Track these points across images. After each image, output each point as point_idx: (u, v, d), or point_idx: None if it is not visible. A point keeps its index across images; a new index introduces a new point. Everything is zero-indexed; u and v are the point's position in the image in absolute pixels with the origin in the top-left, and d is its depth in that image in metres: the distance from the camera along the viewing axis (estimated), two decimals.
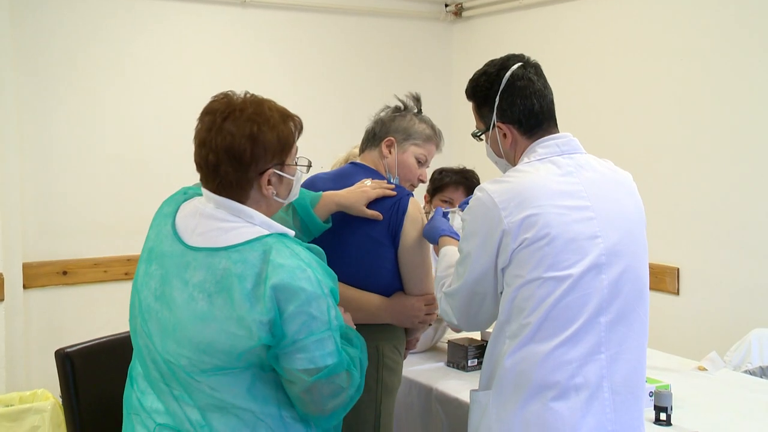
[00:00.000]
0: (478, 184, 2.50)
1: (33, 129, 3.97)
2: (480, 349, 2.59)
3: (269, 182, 1.68)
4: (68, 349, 2.49)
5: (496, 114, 1.88)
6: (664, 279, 3.91)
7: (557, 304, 1.70)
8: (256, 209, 1.68)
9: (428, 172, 2.57)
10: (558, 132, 1.90)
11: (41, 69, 3.98)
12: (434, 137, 2.39)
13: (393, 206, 2.22)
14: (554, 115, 1.92)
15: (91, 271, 4.12)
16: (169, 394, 1.65)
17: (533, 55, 1.95)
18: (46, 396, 3.40)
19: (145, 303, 1.68)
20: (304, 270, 1.58)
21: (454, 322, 1.93)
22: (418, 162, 2.37)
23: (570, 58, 4.44)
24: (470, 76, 1.97)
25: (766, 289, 3.55)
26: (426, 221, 2.29)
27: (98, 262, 4.14)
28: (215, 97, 1.72)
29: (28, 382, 3.86)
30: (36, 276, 3.96)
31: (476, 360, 2.58)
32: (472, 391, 1.86)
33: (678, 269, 3.89)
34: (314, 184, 2.32)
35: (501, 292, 1.80)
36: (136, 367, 1.74)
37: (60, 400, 2.89)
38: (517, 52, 1.95)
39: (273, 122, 1.67)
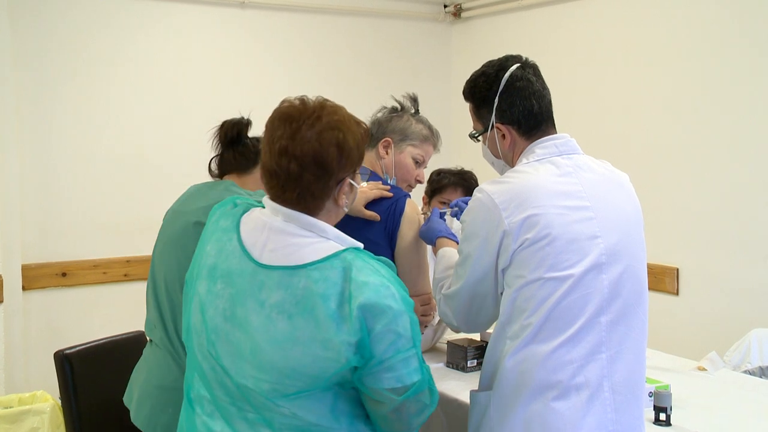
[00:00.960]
0: (477, 185, 2.49)
1: (32, 130, 3.97)
2: (479, 349, 2.58)
3: (344, 191, 1.63)
4: (67, 351, 2.50)
5: (495, 115, 1.88)
6: (664, 279, 3.91)
7: (558, 304, 1.70)
8: (326, 220, 1.61)
9: (426, 173, 2.57)
10: (556, 133, 1.90)
11: (41, 69, 3.98)
12: (431, 137, 2.38)
13: (390, 207, 2.22)
14: (552, 116, 1.91)
15: (90, 273, 4.12)
16: (241, 418, 1.57)
17: (532, 56, 1.95)
18: (46, 398, 3.40)
19: (211, 324, 1.59)
20: (388, 287, 1.52)
21: (454, 323, 1.92)
22: (416, 162, 2.36)
23: (569, 58, 4.44)
24: (469, 77, 1.96)
25: (765, 289, 3.55)
26: (423, 222, 2.29)
27: (98, 264, 4.14)
28: (288, 101, 1.64)
29: (27, 384, 3.86)
30: (35, 277, 3.96)
31: (476, 361, 2.57)
32: (473, 392, 1.86)
33: (677, 269, 3.89)
34: None
35: (501, 293, 1.80)
36: (196, 390, 1.64)
37: (59, 401, 2.89)
38: (516, 53, 1.94)
39: (352, 129, 1.62)
